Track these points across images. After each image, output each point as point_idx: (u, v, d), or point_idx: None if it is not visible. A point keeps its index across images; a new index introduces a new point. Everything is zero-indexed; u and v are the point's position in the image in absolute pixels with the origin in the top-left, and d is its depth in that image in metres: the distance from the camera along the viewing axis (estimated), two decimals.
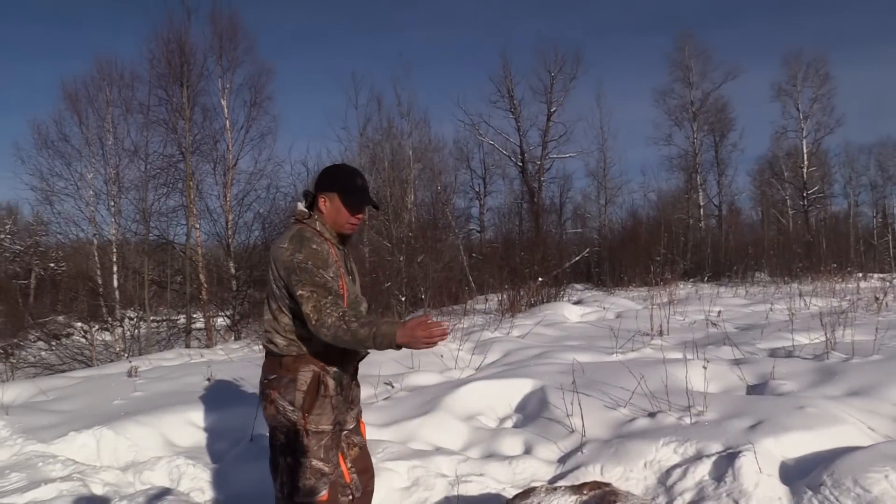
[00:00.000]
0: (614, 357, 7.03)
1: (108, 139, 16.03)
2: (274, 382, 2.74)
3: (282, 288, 2.71)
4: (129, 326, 13.64)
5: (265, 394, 2.77)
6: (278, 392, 2.72)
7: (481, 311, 12.98)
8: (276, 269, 2.71)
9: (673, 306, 11.41)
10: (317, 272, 2.62)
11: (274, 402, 2.72)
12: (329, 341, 2.57)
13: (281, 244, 2.72)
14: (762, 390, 5.36)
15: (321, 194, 2.83)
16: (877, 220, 39.51)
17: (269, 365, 2.80)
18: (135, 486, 4.14)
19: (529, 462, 4.27)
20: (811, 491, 3.30)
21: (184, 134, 15.17)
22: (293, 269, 2.62)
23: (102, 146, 16.03)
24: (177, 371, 7.39)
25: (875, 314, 9.40)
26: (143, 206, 15.20)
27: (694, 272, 21.81)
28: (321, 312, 2.54)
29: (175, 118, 15.28)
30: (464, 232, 26.38)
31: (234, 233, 15.26)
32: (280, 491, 2.74)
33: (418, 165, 23.58)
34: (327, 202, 2.82)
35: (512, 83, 30.38)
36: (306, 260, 2.63)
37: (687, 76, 32.61)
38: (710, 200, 33.63)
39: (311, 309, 2.56)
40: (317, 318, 2.54)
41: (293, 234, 2.72)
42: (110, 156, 15.96)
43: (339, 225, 2.85)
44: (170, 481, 4.21)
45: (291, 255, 2.65)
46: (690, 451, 3.96)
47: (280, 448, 2.73)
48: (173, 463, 4.34)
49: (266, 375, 2.79)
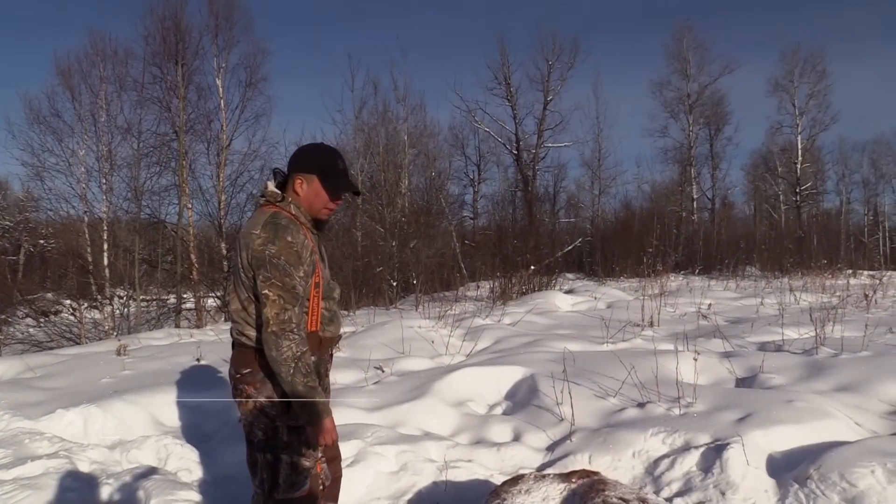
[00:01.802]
0: (605, 347, 7.05)
1: (100, 116, 15.89)
2: (248, 377, 2.58)
3: (250, 278, 2.52)
4: (119, 305, 13.59)
5: (239, 389, 2.61)
6: (254, 388, 2.57)
7: (473, 297, 12.98)
8: (246, 256, 2.51)
9: (664, 298, 11.43)
10: (287, 271, 2.45)
11: (251, 397, 2.57)
12: (266, 354, 2.46)
13: (253, 230, 2.51)
14: (751, 383, 5.38)
15: (298, 175, 2.64)
16: (868, 218, 39.76)
17: (242, 358, 2.62)
18: (122, 465, 4.13)
19: (518, 449, 4.28)
20: (798, 484, 3.32)
21: (178, 113, 15.08)
22: (263, 261, 2.45)
23: (95, 123, 15.90)
24: (166, 351, 7.37)
25: (864, 311, 9.45)
26: (135, 184, 15.13)
27: (685, 265, 21.85)
28: (283, 328, 2.43)
29: (169, 96, 15.19)
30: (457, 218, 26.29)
31: (227, 213, 15.21)
32: (259, 487, 2.62)
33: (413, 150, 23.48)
34: (304, 184, 2.63)
35: (509, 70, 30.26)
36: (279, 254, 2.45)
37: (684, 68, 32.54)
38: (703, 194, 33.70)
39: (273, 316, 2.43)
40: (276, 330, 2.43)
41: (267, 221, 2.52)
42: (103, 133, 15.84)
43: (315, 209, 2.68)
44: (157, 460, 4.20)
45: (263, 244, 2.46)
46: (679, 442, 3.97)
47: (258, 445, 2.59)
48: (161, 442, 4.33)
49: (238, 369, 2.62)
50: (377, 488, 3.79)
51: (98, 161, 15.70)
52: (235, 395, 2.65)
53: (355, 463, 3.90)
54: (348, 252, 14.38)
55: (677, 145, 33.05)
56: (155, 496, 3.43)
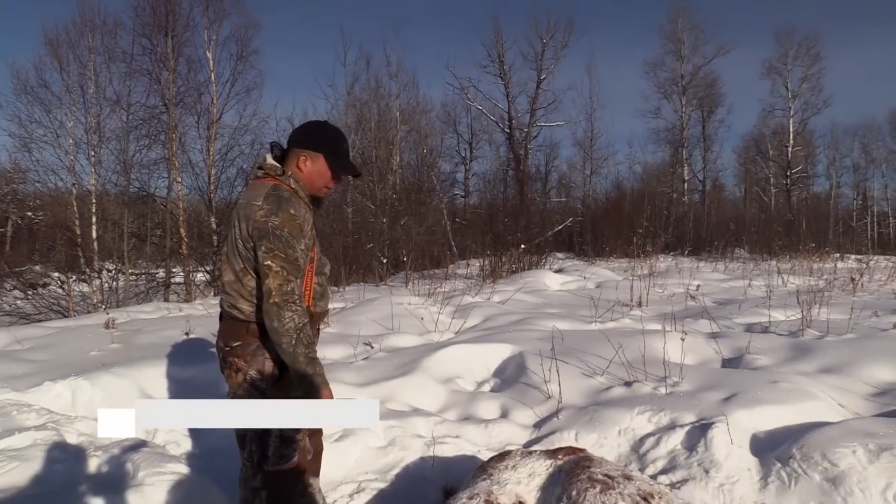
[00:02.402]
0: (593, 326, 7.09)
1: (89, 87, 15.70)
2: (238, 350, 2.59)
3: (250, 249, 2.51)
4: (108, 278, 13.54)
5: (228, 361, 2.61)
6: (244, 360, 2.58)
7: (463, 275, 13.01)
8: (246, 227, 2.51)
9: (653, 278, 11.48)
10: (290, 243, 2.47)
11: (241, 370, 2.58)
12: (267, 325, 2.46)
13: (254, 201, 2.51)
14: (737, 364, 5.43)
15: (302, 151, 2.64)
16: (857, 203, 39.92)
17: (232, 330, 2.62)
18: (110, 438, 4.14)
19: (505, 426, 4.31)
20: (780, 463, 3.36)
21: (167, 85, 14.91)
22: (266, 233, 2.45)
23: (83, 94, 15.71)
24: (155, 324, 7.36)
25: (850, 294, 9.53)
26: (124, 157, 14.98)
27: (675, 246, 21.95)
28: (286, 299, 2.43)
29: (159, 69, 15.00)
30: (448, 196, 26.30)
31: (217, 188, 15.10)
32: (248, 459, 2.64)
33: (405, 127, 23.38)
34: (308, 161, 2.64)
35: (503, 48, 30.14)
36: (282, 226, 2.46)
37: (679, 49, 32.45)
38: (694, 175, 33.77)
39: (275, 287, 2.43)
40: (278, 301, 2.42)
41: (269, 193, 2.52)
42: (91, 104, 15.66)
43: (315, 187, 2.69)
44: (145, 433, 4.20)
45: (266, 216, 2.46)
46: (664, 421, 4.01)
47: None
48: None
49: (227, 342, 2.62)
50: (365, 463, 3.82)
51: (86, 133, 15.55)
52: (224, 368, 2.65)
53: (343, 438, 3.92)
54: (339, 228, 14.34)
55: (670, 126, 33.10)
56: (143, 468, 3.44)
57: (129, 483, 3.33)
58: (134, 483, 3.32)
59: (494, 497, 2.72)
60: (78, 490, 3.26)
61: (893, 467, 3.07)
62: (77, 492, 3.23)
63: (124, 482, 3.34)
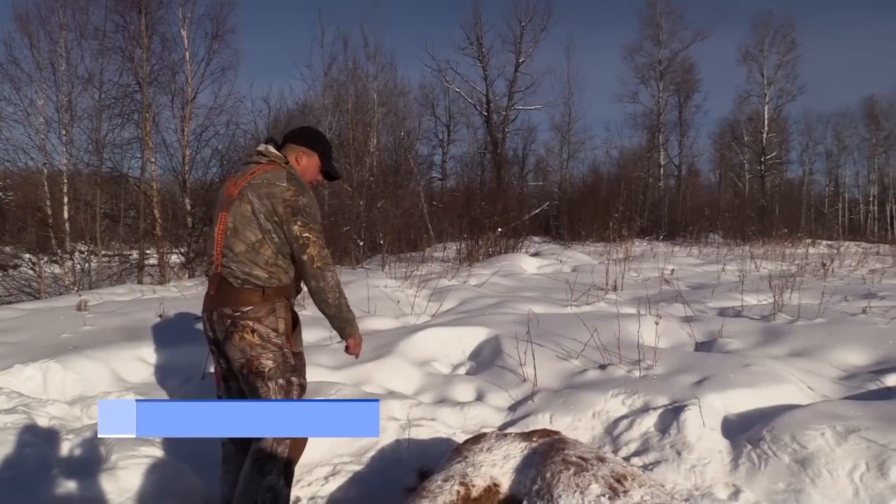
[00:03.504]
0: (569, 309, 7.13)
1: (60, 65, 15.31)
2: (251, 313, 2.83)
3: (275, 222, 2.82)
4: (80, 260, 13.34)
5: (241, 325, 2.82)
6: (258, 321, 2.83)
7: (439, 258, 13.01)
8: (272, 204, 2.81)
9: (628, 263, 11.58)
10: (317, 218, 2.88)
11: (256, 331, 2.82)
12: (314, 286, 2.86)
13: (279, 182, 2.85)
14: (710, 347, 5.50)
15: (301, 148, 3.08)
16: (829, 189, 40.51)
17: (243, 297, 2.84)
18: (82, 421, 4.10)
19: (481, 409, 4.34)
20: (751, 445, 3.41)
21: (141, 63, 14.63)
22: (299, 210, 2.81)
23: (54, 72, 15.32)
24: (128, 307, 7.28)
25: (821, 279, 9.68)
26: (97, 136, 14.68)
27: (650, 230, 22.12)
28: (326, 263, 2.85)
29: (132, 46, 14.69)
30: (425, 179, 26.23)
31: (191, 168, 14.90)
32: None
33: (382, 109, 23.24)
34: (304, 157, 3.08)
35: (481, 31, 29.95)
36: (310, 205, 2.86)
37: (657, 34, 32.53)
38: (670, 160, 33.98)
39: (316, 253, 2.82)
40: (321, 265, 2.83)
41: (290, 176, 2.89)
42: (62, 82, 15.27)
43: (305, 179, 3.07)
44: None
45: (295, 195, 2.83)
46: (638, 404, 4.05)
47: (269, 374, 2.82)
48: (122, 398, 4.30)
49: (237, 308, 2.83)
50: (340, 445, 3.82)
51: (58, 111, 15.18)
52: (233, 333, 2.83)
53: None
54: None
55: (647, 111, 33.25)
56: (116, 452, 3.41)
57: (102, 467, 3.30)
58: (107, 467, 3.29)
59: (469, 479, 2.74)
60: (50, 474, 3.23)
61: (860, 449, 3.13)
62: (49, 476, 3.20)
63: (97, 466, 3.31)
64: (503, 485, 2.77)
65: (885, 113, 38.06)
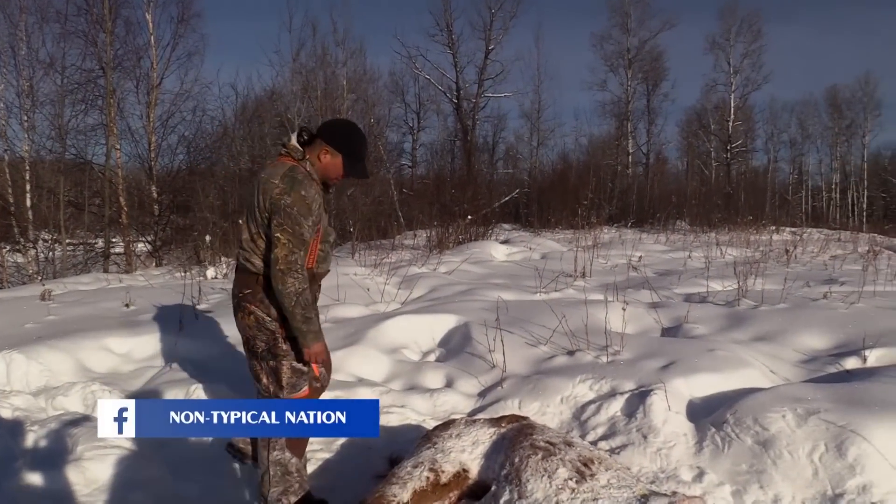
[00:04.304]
0: (538, 296, 7.18)
1: (20, 48, 14.93)
2: (250, 296, 2.98)
3: (265, 218, 2.90)
4: (43, 248, 13.10)
5: (242, 306, 3.01)
6: (255, 305, 2.97)
7: (409, 246, 12.99)
8: (263, 200, 2.89)
9: (597, 249, 11.67)
10: (298, 220, 2.83)
11: (253, 313, 2.98)
12: (274, 287, 2.86)
13: (273, 179, 2.88)
14: (676, 333, 5.58)
15: (326, 145, 3.01)
16: (792, 177, 41.20)
17: (245, 280, 3.01)
18: (47, 412, 4.04)
19: (450, 395, 4.36)
20: (714, 428, 3.48)
21: (104, 48, 14.34)
22: (279, 209, 2.82)
23: (15, 56, 14.93)
24: (93, 296, 7.17)
25: (784, 265, 9.86)
26: (59, 122, 14.38)
27: (619, 217, 22.28)
28: (290, 267, 2.83)
29: (95, 30, 14.38)
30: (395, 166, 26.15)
31: (158, 155, 14.68)
32: (266, 390, 3.03)
33: (352, 96, 22.99)
34: (328, 156, 3.02)
35: (451, 17, 29.81)
36: (293, 205, 2.82)
37: (625, 22, 32.65)
38: (638, 148, 34.27)
39: (282, 256, 2.82)
40: (283, 268, 2.82)
41: (286, 174, 2.89)
42: (23, 67, 14.90)
43: (327, 177, 3.08)
44: (84, 407, 4.12)
45: (281, 194, 2.83)
46: (605, 389, 4.10)
47: (261, 354, 3.00)
48: (88, 389, 4.25)
49: (241, 289, 3.02)
50: None
51: (18, 97, 14.82)
52: (237, 311, 3.05)
53: None
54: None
55: (615, 99, 33.42)
56: (82, 443, 3.38)
57: (68, 459, 3.27)
58: (73, 458, 3.26)
59: (438, 465, 2.76)
60: (14, 466, 3.19)
61: (820, 430, 3.22)
62: (13, 468, 3.16)
63: (63, 458, 3.28)
64: (472, 470, 2.80)
65: (848, 102, 38.79)
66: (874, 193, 40.07)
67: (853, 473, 3.02)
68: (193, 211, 13.73)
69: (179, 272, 9.91)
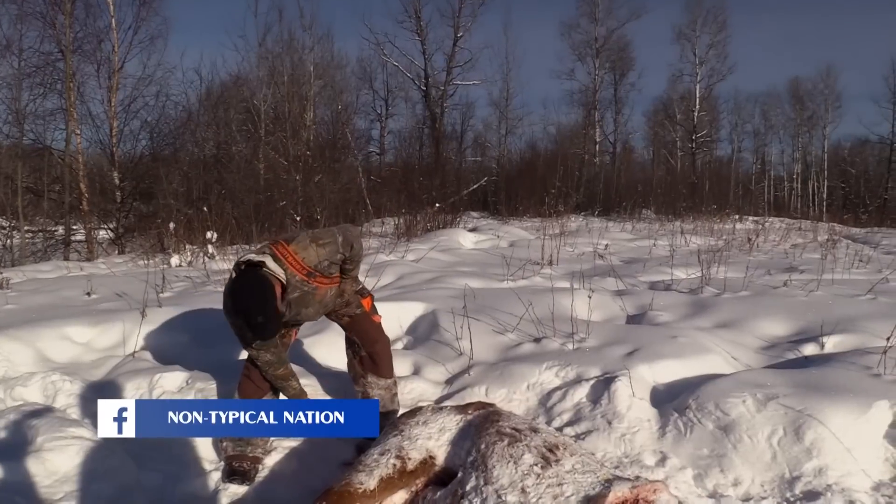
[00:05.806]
0: (505, 284, 7.20)
1: None
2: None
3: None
4: (1, 236, 12.81)
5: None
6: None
7: (377, 234, 12.96)
8: None
9: (564, 238, 11.75)
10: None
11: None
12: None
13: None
14: (640, 320, 5.65)
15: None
16: (756, 167, 41.81)
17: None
18: (6, 403, 3.95)
19: (418, 383, 4.36)
20: (677, 413, 3.54)
21: (63, 30, 14.01)
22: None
23: None
24: (54, 284, 7.04)
25: (747, 254, 10.04)
26: (17, 106, 14.03)
27: (586, 206, 22.47)
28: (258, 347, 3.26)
29: (54, 12, 14.05)
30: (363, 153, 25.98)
31: (120, 141, 14.42)
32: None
33: (319, 82, 22.78)
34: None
35: (420, 3, 29.63)
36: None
37: (593, 12, 32.74)
38: (605, 137, 34.47)
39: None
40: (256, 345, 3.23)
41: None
42: None
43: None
44: (44, 398, 4.05)
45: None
46: (571, 375, 4.14)
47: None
48: (48, 379, 4.17)
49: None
50: None
51: None
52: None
53: None
54: (250, 185, 13.98)
55: (583, 88, 33.55)
56: (43, 433, 3.31)
57: (29, 450, 3.20)
58: (33, 449, 3.19)
59: (405, 452, 2.77)
60: None
61: (779, 415, 3.29)
62: None
63: (23, 449, 3.21)
64: (439, 457, 2.81)
65: (809, 94, 39.32)
66: (834, 183, 40.78)
67: (810, 457, 3.09)
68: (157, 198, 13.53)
69: (142, 260, 9.77)
